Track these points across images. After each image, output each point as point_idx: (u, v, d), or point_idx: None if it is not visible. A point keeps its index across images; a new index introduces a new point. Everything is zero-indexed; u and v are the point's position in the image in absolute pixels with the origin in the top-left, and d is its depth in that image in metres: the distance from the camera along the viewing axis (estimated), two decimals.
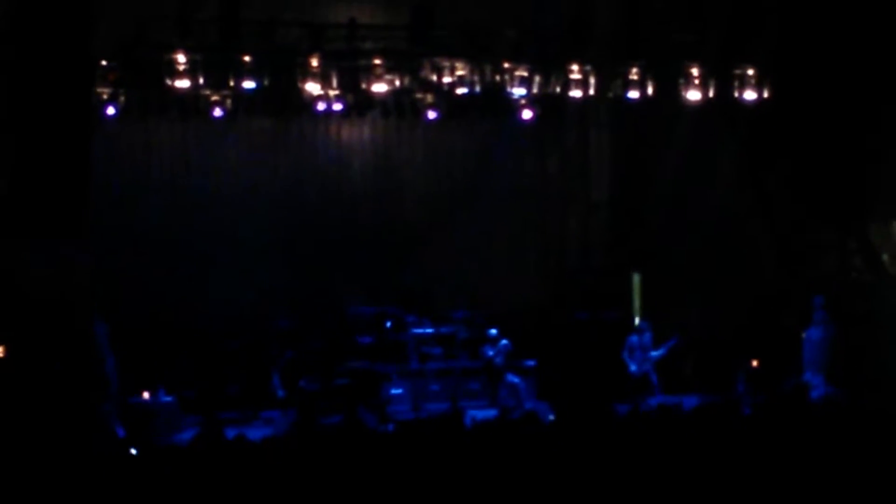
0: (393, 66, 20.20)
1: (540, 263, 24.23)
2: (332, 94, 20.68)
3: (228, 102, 20.75)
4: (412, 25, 20.13)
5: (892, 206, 20.92)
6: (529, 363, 21.05)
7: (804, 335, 19.58)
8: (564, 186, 24.39)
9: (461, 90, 20.62)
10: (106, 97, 19.66)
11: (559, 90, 20.87)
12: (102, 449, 10.87)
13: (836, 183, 20.90)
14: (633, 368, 20.55)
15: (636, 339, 20.72)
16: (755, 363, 20.35)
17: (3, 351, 15.61)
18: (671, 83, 20.98)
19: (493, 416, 16.93)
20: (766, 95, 21.06)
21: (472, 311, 21.91)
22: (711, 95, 21.01)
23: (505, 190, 23.82)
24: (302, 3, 20.89)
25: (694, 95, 20.92)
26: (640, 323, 21.21)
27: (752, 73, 20.96)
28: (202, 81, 19.46)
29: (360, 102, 21.67)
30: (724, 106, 21.22)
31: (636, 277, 23.11)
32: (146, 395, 18.92)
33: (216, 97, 20.51)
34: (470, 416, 14.85)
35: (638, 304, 23.01)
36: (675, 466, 10.13)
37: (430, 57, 20.33)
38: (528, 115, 21.84)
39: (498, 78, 20.55)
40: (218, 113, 20.77)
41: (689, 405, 13.10)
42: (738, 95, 21.07)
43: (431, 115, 22.05)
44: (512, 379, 20.29)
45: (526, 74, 20.52)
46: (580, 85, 20.75)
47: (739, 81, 21.03)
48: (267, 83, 19.76)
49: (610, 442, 10.75)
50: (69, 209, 16.12)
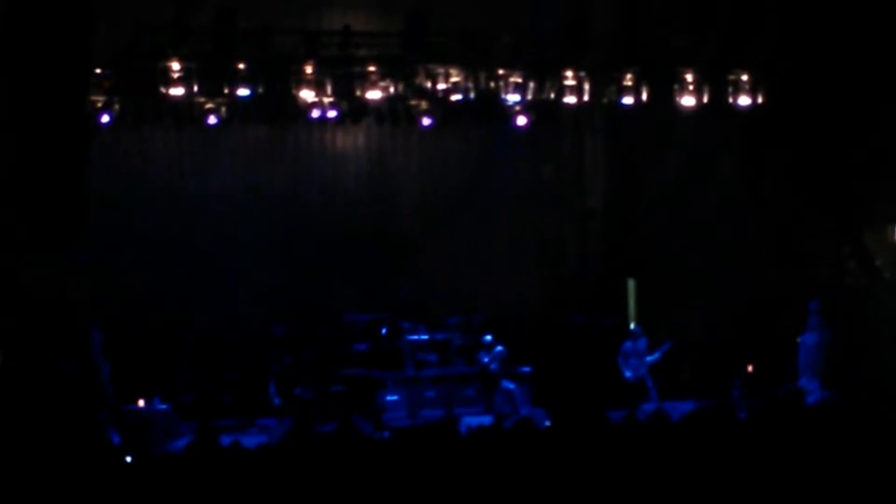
0: (387, 72, 20.21)
1: (535, 269, 24.22)
2: (326, 101, 20.67)
3: (223, 110, 20.73)
4: (406, 32, 20.14)
5: (887, 211, 20.94)
6: (525, 369, 21.03)
7: (799, 340, 19.58)
8: (559, 192, 24.41)
9: (456, 97, 20.64)
10: (101, 105, 19.63)
11: (554, 96, 20.88)
12: (97, 456, 10.85)
13: (830, 188, 20.93)
14: (628, 374, 20.54)
15: (630, 344, 20.70)
16: (751, 368, 20.36)
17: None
18: (666, 89, 21.00)
19: (488, 422, 16.94)
20: (760, 101, 21.08)
21: (467, 317, 21.91)
22: (706, 101, 21.02)
23: (500, 196, 23.83)
24: (296, 10, 20.91)
25: (689, 101, 20.94)
26: (634, 328, 21.20)
27: (746, 78, 21.00)
28: (197, 89, 19.46)
29: (354, 109, 21.66)
30: (718, 111, 21.23)
31: (631, 283, 23.11)
32: (141, 402, 18.90)
33: (211, 105, 20.51)
34: (465, 422, 14.86)
35: (633, 310, 23.01)
36: (670, 472, 10.14)
37: (424, 64, 20.35)
38: (522, 121, 21.83)
39: (492, 84, 20.57)
40: (213, 120, 20.76)
41: (684, 410, 13.09)
42: (732, 101, 21.09)
43: (426, 121, 22.05)
44: (507, 385, 20.28)
45: (520, 81, 20.54)
46: (575, 91, 20.77)
47: (734, 87, 21.07)
48: (261, 91, 19.76)
49: (605, 448, 10.75)
50: (65, 217, 16.12)
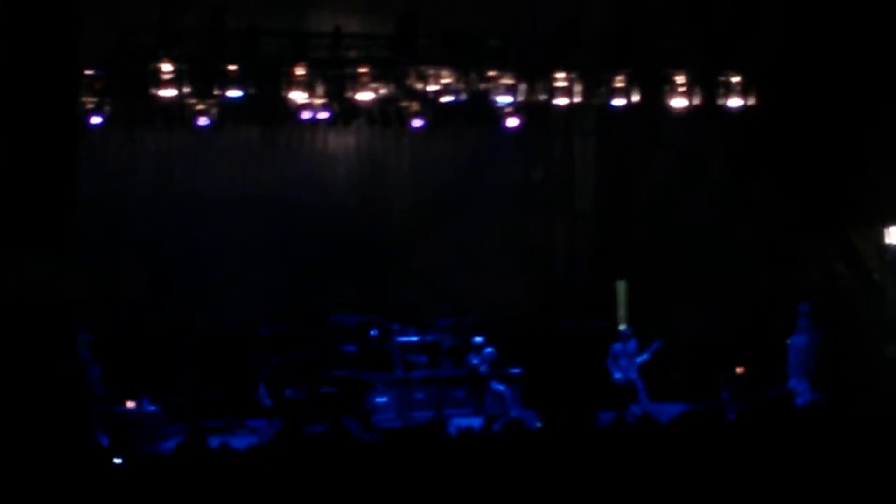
0: (378, 74, 20.20)
1: (525, 271, 24.21)
2: (317, 102, 20.64)
3: (214, 111, 20.69)
4: (397, 34, 20.14)
5: (877, 212, 20.97)
6: (515, 371, 21.05)
7: (789, 342, 19.62)
8: (550, 194, 24.42)
9: (446, 98, 20.64)
10: (91, 106, 19.60)
11: (544, 98, 20.87)
12: (86, 458, 10.83)
13: (821, 190, 20.95)
14: (617, 376, 20.55)
15: (620, 346, 20.72)
16: (740, 370, 20.39)
17: None
18: (656, 91, 21.00)
19: (478, 424, 16.94)
20: (751, 103, 21.09)
21: (457, 319, 21.91)
22: (697, 103, 21.02)
23: (491, 198, 23.83)
24: (287, 12, 20.89)
25: (679, 103, 20.94)
26: (623, 330, 21.20)
27: (737, 80, 21.00)
28: (187, 90, 19.42)
29: (345, 111, 21.63)
30: (709, 113, 21.24)
31: (621, 285, 23.10)
32: (131, 403, 18.87)
33: (201, 106, 20.46)
34: (455, 424, 14.85)
35: (623, 312, 23.00)
36: (659, 474, 10.14)
37: (415, 65, 20.34)
38: (513, 122, 21.82)
39: (483, 86, 20.56)
40: (203, 122, 20.71)
41: (673, 412, 13.10)
42: (723, 103, 21.09)
43: (417, 123, 22.04)
44: (497, 387, 20.29)
45: (511, 82, 20.53)
46: (565, 93, 20.76)
47: (725, 89, 21.06)
48: (252, 92, 19.73)
49: (594, 450, 10.75)
50: (55, 218, 16.10)
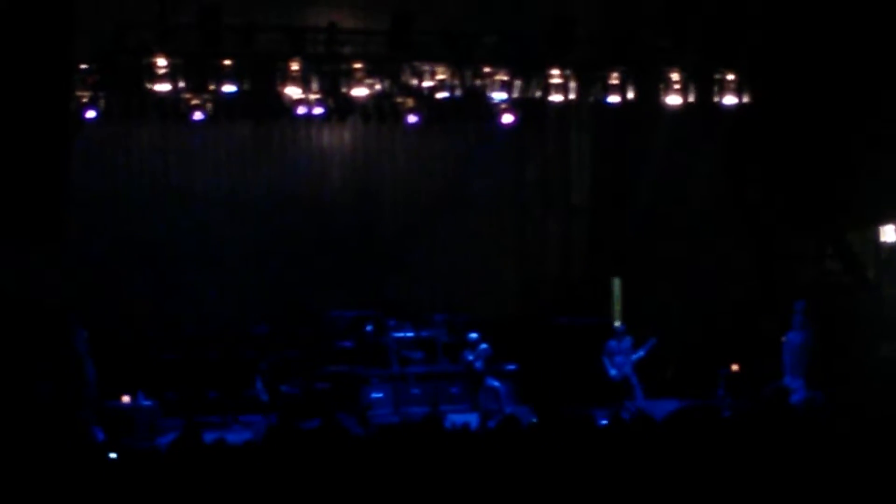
0: (373, 70, 20.18)
1: (520, 267, 24.27)
2: (312, 98, 20.66)
3: (209, 106, 20.68)
4: (392, 30, 20.12)
5: (871, 210, 20.99)
6: (510, 367, 21.06)
7: (784, 339, 19.63)
8: (545, 191, 24.44)
9: (441, 94, 20.62)
10: (86, 100, 19.59)
11: (539, 94, 20.87)
12: (81, 453, 10.82)
13: (815, 188, 20.96)
14: (612, 373, 20.57)
15: (615, 343, 20.73)
16: (735, 367, 20.39)
17: None
18: (651, 88, 21.00)
19: (473, 420, 16.94)
20: (746, 100, 21.10)
21: (452, 315, 21.93)
22: (692, 100, 21.03)
23: (485, 194, 23.88)
24: (282, 7, 20.91)
25: (674, 100, 20.94)
26: (618, 327, 21.22)
27: (732, 78, 20.99)
28: (182, 85, 19.39)
29: (340, 107, 21.62)
30: (704, 111, 21.25)
31: (616, 282, 23.13)
32: (126, 398, 18.88)
33: (196, 101, 20.45)
34: (450, 420, 14.85)
35: (618, 308, 23.03)
36: (654, 471, 10.14)
37: (410, 61, 20.31)
38: (508, 119, 21.81)
39: (478, 82, 20.53)
40: (198, 117, 20.69)
41: (668, 409, 13.11)
42: (718, 100, 21.09)
43: (412, 119, 22.07)
44: (492, 383, 20.28)
45: (506, 79, 20.51)
46: (560, 89, 20.74)
47: (720, 86, 21.05)
48: (247, 87, 19.70)
49: (590, 446, 10.76)
50: (48, 212, 16.10)
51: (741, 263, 22.04)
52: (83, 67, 18.84)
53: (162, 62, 18.87)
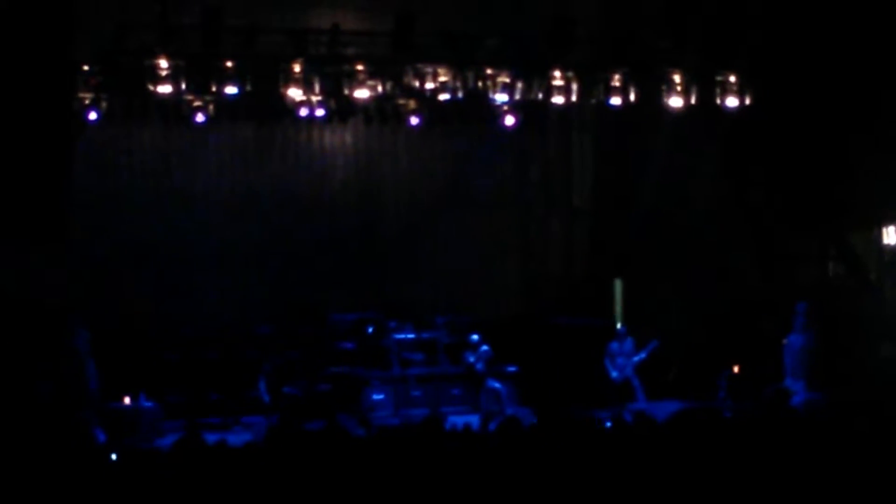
0: (375, 71, 20.16)
1: (522, 269, 24.27)
2: (314, 99, 20.63)
3: (211, 108, 20.66)
4: (395, 31, 20.12)
5: (873, 212, 20.98)
6: (511, 369, 21.06)
7: (785, 341, 19.62)
8: (546, 192, 24.44)
9: (444, 96, 20.59)
10: (88, 102, 19.57)
11: (541, 96, 20.86)
12: (82, 454, 10.83)
13: (817, 189, 20.95)
14: (614, 375, 20.57)
15: (617, 345, 20.73)
16: (736, 369, 20.39)
17: None
18: (653, 89, 20.99)
19: (474, 421, 16.94)
20: (748, 102, 21.09)
21: (453, 316, 21.93)
22: (693, 102, 21.01)
23: (487, 195, 23.88)
24: (284, 8, 20.89)
25: (676, 102, 20.92)
26: (620, 329, 21.22)
27: (734, 79, 20.98)
28: (184, 87, 19.39)
29: (342, 108, 21.61)
30: (706, 112, 21.24)
31: (618, 284, 23.12)
32: (127, 400, 18.88)
33: (198, 103, 20.42)
34: (451, 421, 14.85)
35: (620, 310, 23.03)
36: (656, 472, 10.14)
37: (412, 63, 20.30)
38: (510, 121, 21.80)
39: (480, 84, 20.51)
40: (200, 118, 20.66)
41: (670, 411, 13.11)
42: (720, 102, 21.09)
43: (414, 120, 22.05)
44: (493, 385, 20.29)
45: (508, 80, 20.49)
46: (562, 91, 20.74)
47: (721, 88, 21.04)
48: (249, 89, 19.69)
49: (591, 448, 10.76)
50: (50, 212, 16.12)
51: (742, 265, 22.03)
52: (85, 69, 18.82)
53: (164, 63, 18.86)
